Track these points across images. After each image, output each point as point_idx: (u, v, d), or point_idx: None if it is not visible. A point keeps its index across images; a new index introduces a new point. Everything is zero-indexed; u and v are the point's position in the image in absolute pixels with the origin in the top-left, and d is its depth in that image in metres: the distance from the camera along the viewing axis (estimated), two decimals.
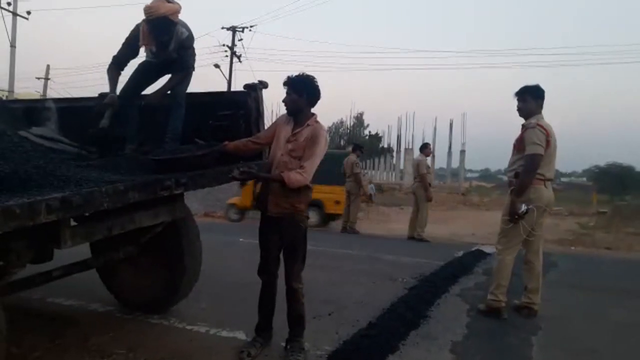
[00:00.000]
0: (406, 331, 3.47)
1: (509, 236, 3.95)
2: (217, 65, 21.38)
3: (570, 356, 3.17)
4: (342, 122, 53.38)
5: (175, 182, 2.77)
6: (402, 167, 34.22)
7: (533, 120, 3.78)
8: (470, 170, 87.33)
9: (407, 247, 7.94)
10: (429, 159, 9.51)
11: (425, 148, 9.11)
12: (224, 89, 19.54)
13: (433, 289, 4.64)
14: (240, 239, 7.70)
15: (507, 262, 3.96)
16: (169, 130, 3.58)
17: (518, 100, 3.94)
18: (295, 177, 2.81)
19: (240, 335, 3.35)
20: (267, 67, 60.56)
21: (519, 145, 3.85)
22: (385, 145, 49.78)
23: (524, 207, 3.74)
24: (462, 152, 33.95)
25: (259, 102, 3.43)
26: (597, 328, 3.79)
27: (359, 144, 11.92)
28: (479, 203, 27.04)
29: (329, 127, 59.51)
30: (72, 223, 2.65)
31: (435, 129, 40.37)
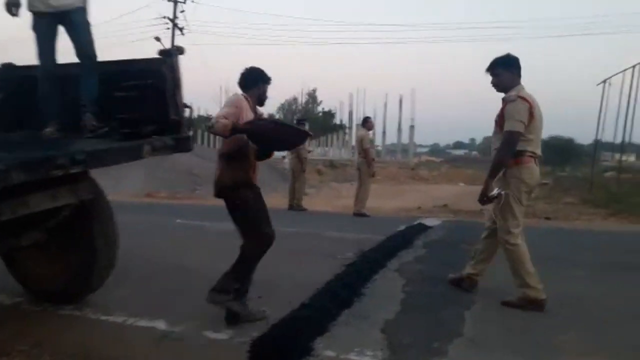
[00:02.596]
0: (339, 311, 3.33)
1: (509, 224, 3.47)
2: (157, 39, 20.29)
3: (502, 331, 3.12)
4: (295, 99, 52.84)
5: (71, 160, 2.45)
6: (354, 143, 34.35)
7: (513, 93, 3.42)
8: (421, 145, 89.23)
9: (352, 223, 7.86)
10: (371, 133, 9.41)
11: (366, 122, 9.00)
12: None
13: (371, 265, 4.53)
14: (178, 220, 7.37)
15: (518, 247, 3.47)
16: (84, 98, 3.22)
17: (490, 75, 3.58)
18: None
19: (160, 325, 3.11)
20: (212, 40, 58.55)
21: (501, 121, 3.48)
22: (338, 122, 49.82)
23: (495, 191, 3.39)
24: (412, 127, 34.58)
25: (175, 70, 3.12)
26: None
27: (303, 118, 11.71)
28: (428, 177, 27.65)
29: (282, 104, 58.87)
30: None
31: (385, 105, 40.81)
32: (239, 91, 3.27)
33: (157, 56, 3.13)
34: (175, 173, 16.49)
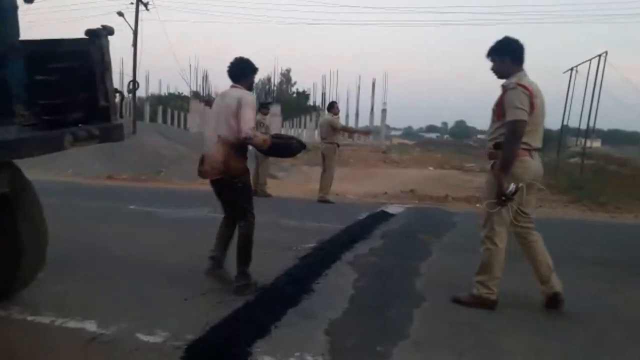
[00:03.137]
0: (284, 309, 3.19)
1: (494, 221, 3.27)
2: (120, 13, 19.48)
3: (450, 329, 3.03)
4: (269, 79, 51.90)
5: None
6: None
7: (513, 80, 3.17)
8: (395, 129, 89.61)
9: (315, 211, 7.71)
10: (337, 117, 9.18)
11: (332, 107, 8.81)
12: (130, 40, 17.92)
13: (325, 258, 4.41)
14: (131, 206, 7.08)
15: (498, 250, 3.28)
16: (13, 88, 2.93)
17: (491, 61, 3.37)
18: None
19: (90, 326, 2.90)
20: (179, 16, 56.56)
21: (499, 110, 3.25)
22: (311, 104, 49.31)
23: (512, 186, 3.08)
24: (384, 110, 34.44)
25: (104, 51, 2.85)
26: None
27: (267, 102, 11.46)
28: (399, 161, 27.70)
29: (256, 84, 57.74)
30: None
31: (359, 87, 40.55)
32: (229, 81, 3.74)
33: (84, 37, 2.85)
34: (140, 154, 15.95)
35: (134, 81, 17.40)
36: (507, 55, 3.28)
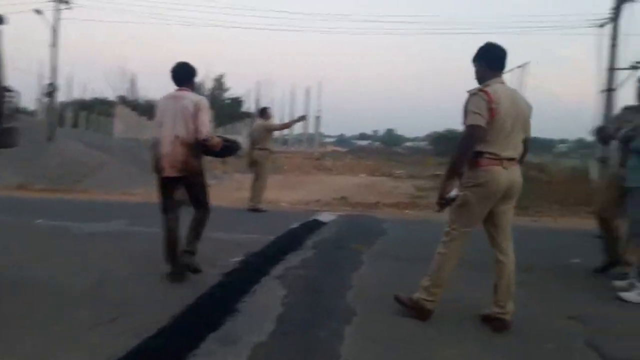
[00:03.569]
0: (204, 335, 2.88)
1: (453, 226, 3.16)
2: (38, 11, 18.10)
3: (383, 348, 2.87)
4: (201, 85, 50.48)
5: None
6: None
7: (482, 86, 3.10)
8: (329, 136, 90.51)
9: (245, 221, 7.37)
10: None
11: (264, 112, 8.55)
12: (48, 40, 16.64)
13: (252, 273, 4.14)
14: (39, 220, 6.41)
15: (446, 257, 3.16)
16: None
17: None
18: None
19: None
20: (102, 16, 53.76)
21: (464, 116, 3.15)
22: (245, 110, 48.57)
23: (453, 193, 3.04)
24: (318, 118, 34.63)
25: None
26: None
27: None
28: (332, 167, 27.88)
29: None
30: None
31: (293, 94, 40.60)
32: (174, 85, 4.10)
33: None
34: (57, 162, 14.80)
35: (52, 84, 16.20)
36: (483, 61, 3.20)
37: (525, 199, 11.32)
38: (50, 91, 15.92)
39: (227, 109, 44.89)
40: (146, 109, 45.24)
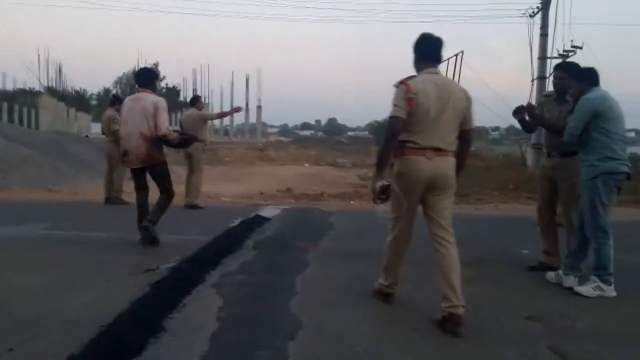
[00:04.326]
0: None
1: (393, 209, 3.21)
2: None
3: None
4: (134, 73, 48.07)
5: None
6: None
7: (404, 78, 3.09)
8: (271, 126, 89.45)
9: (180, 220, 6.73)
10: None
11: (196, 102, 7.97)
12: None
13: (184, 281, 3.69)
14: None
15: (388, 243, 3.28)
16: None
17: None
18: None
19: None
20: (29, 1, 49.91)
21: None
22: (182, 99, 46.94)
23: (378, 185, 2.98)
24: (259, 107, 33.94)
25: None
26: (366, 316, 3.17)
27: (117, 95, 10.29)
28: (275, 158, 27.39)
29: (119, 78, 53.34)
30: None
31: (232, 83, 39.40)
32: (136, 85, 5.14)
33: None
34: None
35: None
36: (417, 52, 3.18)
37: (463, 186, 11.43)
38: None
39: (164, 98, 43.09)
40: (75, 100, 42.64)
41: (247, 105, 37.32)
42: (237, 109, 10.22)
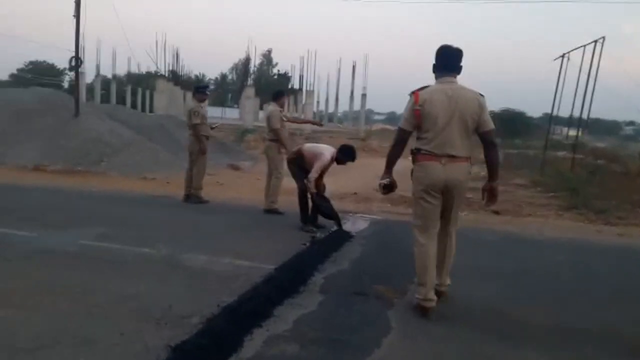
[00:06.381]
0: None
1: (415, 214, 3.45)
2: None
3: None
4: (248, 60, 49.33)
5: None
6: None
7: (418, 87, 3.33)
8: (378, 113, 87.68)
9: (250, 230, 5.83)
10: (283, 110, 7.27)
11: (279, 97, 6.97)
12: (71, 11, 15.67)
13: (223, 339, 2.68)
14: None
15: (423, 249, 3.33)
16: None
17: None
18: None
19: None
20: None
21: None
22: (291, 86, 47.34)
23: (383, 181, 3.52)
24: (364, 95, 32.60)
25: None
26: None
27: (202, 85, 9.83)
28: (378, 149, 26.02)
29: (235, 64, 55.23)
30: None
31: (339, 70, 38.44)
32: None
33: None
34: (79, 141, 13.87)
35: (77, 57, 15.26)
36: (435, 61, 3.34)
37: (599, 198, 9.23)
38: (75, 65, 14.94)
39: (274, 85, 43.80)
40: (191, 85, 44.73)
41: (352, 93, 36.31)
42: (318, 123, 10.10)
